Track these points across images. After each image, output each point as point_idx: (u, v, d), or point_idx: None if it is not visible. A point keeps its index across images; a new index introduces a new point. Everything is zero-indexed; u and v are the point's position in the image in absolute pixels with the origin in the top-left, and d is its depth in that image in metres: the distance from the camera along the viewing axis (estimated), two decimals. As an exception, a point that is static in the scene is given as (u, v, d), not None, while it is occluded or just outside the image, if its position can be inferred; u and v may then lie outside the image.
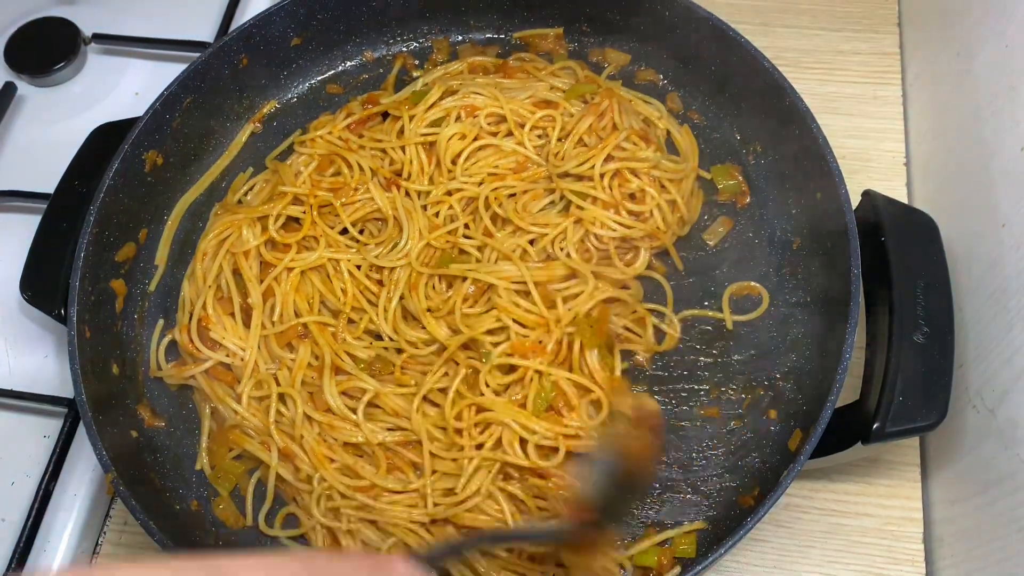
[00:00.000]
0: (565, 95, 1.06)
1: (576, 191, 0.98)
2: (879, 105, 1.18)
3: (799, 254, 0.99)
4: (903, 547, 0.93)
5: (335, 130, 1.07)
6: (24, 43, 1.23)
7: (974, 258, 0.94)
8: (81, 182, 1.00)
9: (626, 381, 0.93)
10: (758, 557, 0.94)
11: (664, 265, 1.01)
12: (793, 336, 0.96)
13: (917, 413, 0.81)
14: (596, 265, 0.96)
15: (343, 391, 0.92)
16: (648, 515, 0.89)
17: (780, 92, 0.98)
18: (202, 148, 1.09)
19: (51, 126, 1.20)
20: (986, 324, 0.90)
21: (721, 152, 1.07)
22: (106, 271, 0.96)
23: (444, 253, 0.98)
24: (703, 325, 0.98)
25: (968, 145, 1.01)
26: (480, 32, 1.17)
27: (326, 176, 1.04)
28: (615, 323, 0.94)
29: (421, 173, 1.03)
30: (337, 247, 1.00)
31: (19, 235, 1.06)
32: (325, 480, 0.88)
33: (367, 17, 1.14)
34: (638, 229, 0.97)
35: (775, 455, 0.90)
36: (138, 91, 1.22)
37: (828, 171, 0.92)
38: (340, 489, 0.88)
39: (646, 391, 0.95)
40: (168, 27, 1.24)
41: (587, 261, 0.96)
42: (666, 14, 1.06)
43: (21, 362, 1.05)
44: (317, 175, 1.04)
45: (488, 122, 1.05)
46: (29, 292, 0.96)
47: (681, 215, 1.00)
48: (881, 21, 1.25)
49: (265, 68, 1.11)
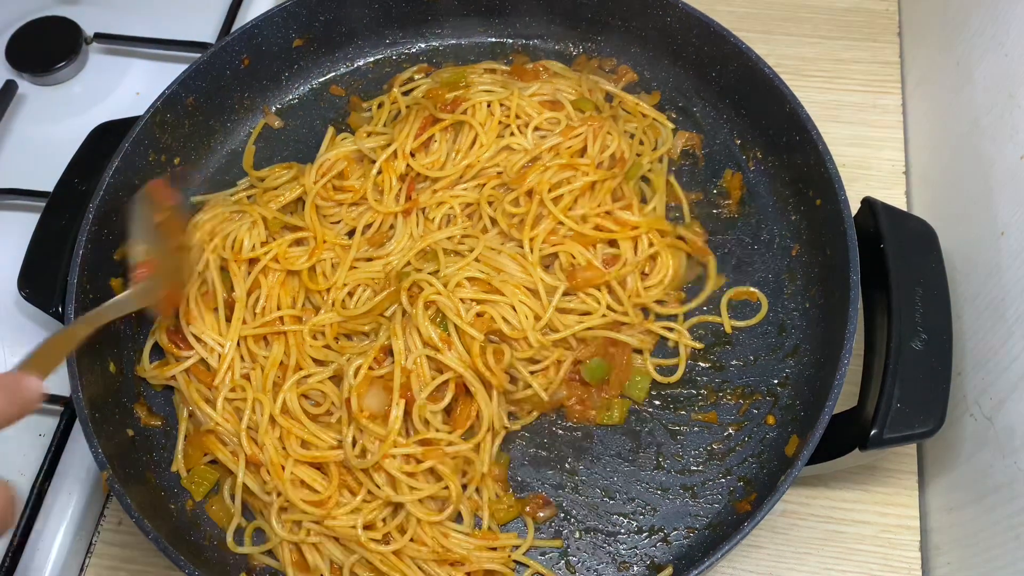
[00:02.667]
0: (572, 103, 1.05)
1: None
2: (879, 113, 1.19)
3: (798, 260, 0.99)
4: (900, 555, 0.93)
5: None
6: (26, 42, 1.23)
7: (973, 266, 0.94)
8: (81, 180, 1.00)
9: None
10: (754, 564, 0.93)
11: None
12: (792, 342, 0.96)
13: (915, 420, 0.81)
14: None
15: (303, 393, 0.92)
16: (645, 520, 0.89)
17: (781, 99, 0.98)
18: (203, 148, 1.09)
19: (51, 125, 1.20)
20: (984, 332, 0.90)
21: (722, 158, 1.07)
22: (104, 270, 0.96)
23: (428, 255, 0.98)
24: (701, 330, 0.98)
25: (967, 154, 1.01)
26: (483, 36, 1.17)
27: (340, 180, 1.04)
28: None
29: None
30: (331, 247, 1.00)
31: (18, 233, 1.06)
32: (281, 494, 0.87)
33: (369, 19, 1.14)
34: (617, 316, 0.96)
35: (772, 461, 0.90)
36: (139, 91, 1.22)
37: (828, 178, 0.92)
38: (294, 502, 0.87)
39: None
40: (170, 27, 1.24)
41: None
42: (667, 20, 1.07)
43: (18, 360, 1.04)
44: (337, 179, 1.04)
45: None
46: (27, 289, 0.96)
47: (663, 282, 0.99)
48: (882, 30, 1.25)
49: (267, 69, 1.11)
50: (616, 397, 0.94)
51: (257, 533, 0.90)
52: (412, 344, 0.90)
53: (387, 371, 0.89)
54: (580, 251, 0.96)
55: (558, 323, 0.94)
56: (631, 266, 0.97)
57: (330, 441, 0.89)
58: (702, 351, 0.97)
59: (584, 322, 0.94)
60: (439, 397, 0.89)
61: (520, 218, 0.98)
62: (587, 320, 0.95)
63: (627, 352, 0.95)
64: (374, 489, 0.86)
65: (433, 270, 0.94)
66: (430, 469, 0.87)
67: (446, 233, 0.98)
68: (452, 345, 0.89)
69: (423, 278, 0.92)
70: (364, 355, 0.90)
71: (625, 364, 0.94)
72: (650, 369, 0.95)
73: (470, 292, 0.93)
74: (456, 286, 0.92)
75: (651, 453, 0.92)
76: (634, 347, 0.95)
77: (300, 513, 0.87)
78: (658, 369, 0.96)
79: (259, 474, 0.89)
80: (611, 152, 1.02)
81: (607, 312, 0.95)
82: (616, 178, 1.00)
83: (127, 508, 0.81)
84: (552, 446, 0.93)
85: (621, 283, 0.97)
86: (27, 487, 0.94)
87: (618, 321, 0.96)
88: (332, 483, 0.87)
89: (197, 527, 0.90)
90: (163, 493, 0.91)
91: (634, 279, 0.97)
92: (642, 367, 0.96)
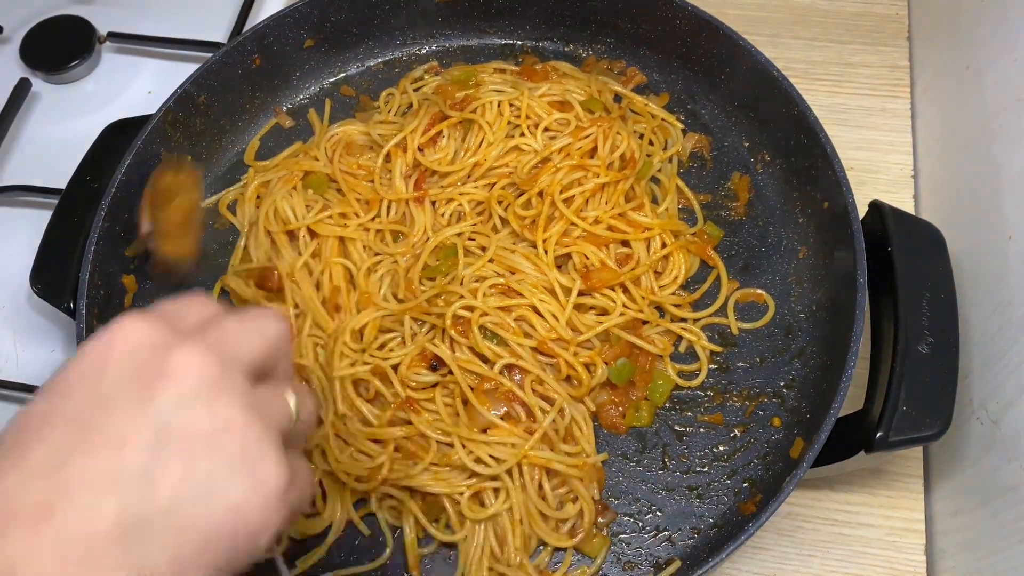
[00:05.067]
0: (581, 104, 1.06)
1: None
2: (888, 117, 1.19)
3: (805, 263, 1.00)
4: (905, 558, 0.93)
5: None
6: (39, 40, 1.24)
7: (980, 270, 0.94)
8: (93, 178, 1.01)
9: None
10: (758, 565, 0.94)
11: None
12: (798, 345, 0.96)
13: (921, 423, 0.81)
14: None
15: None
16: (650, 520, 0.89)
17: (790, 102, 0.98)
18: (214, 147, 1.10)
19: (64, 123, 1.21)
20: (992, 336, 0.90)
21: (730, 161, 1.08)
22: (116, 266, 0.97)
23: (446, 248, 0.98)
24: (708, 332, 0.98)
25: (976, 158, 1.01)
26: (493, 37, 1.18)
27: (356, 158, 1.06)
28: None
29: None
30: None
31: (31, 229, 1.06)
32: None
33: (380, 20, 1.14)
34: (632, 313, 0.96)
35: (778, 463, 0.90)
36: (151, 90, 1.23)
37: (835, 181, 0.92)
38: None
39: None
40: (182, 27, 1.25)
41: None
42: (676, 23, 1.07)
43: (29, 356, 1.05)
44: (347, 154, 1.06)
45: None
46: (39, 285, 0.96)
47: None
48: (891, 34, 1.25)
49: (278, 69, 1.12)
50: (643, 399, 0.94)
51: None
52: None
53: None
54: (593, 251, 0.97)
55: (579, 323, 0.94)
56: (644, 266, 0.97)
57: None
58: (709, 353, 0.97)
59: (604, 322, 0.94)
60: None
61: (532, 219, 0.98)
62: (606, 320, 0.94)
63: (649, 355, 0.95)
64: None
65: (449, 269, 0.95)
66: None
67: (456, 229, 0.99)
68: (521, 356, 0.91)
69: (465, 304, 0.92)
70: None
71: (649, 368, 0.95)
72: (671, 373, 0.95)
73: (496, 300, 0.93)
74: (483, 295, 0.93)
75: (656, 454, 0.92)
76: (655, 353, 0.95)
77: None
78: (679, 374, 0.96)
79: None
80: (621, 152, 1.02)
81: (624, 310, 0.95)
82: (628, 179, 1.01)
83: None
84: (558, 446, 0.94)
85: (635, 282, 0.97)
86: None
87: (637, 319, 0.96)
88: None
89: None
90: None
91: (648, 278, 0.98)
92: (662, 371, 0.96)
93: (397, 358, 0.92)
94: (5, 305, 1.08)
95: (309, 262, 0.99)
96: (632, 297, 0.96)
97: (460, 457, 0.87)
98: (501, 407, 0.89)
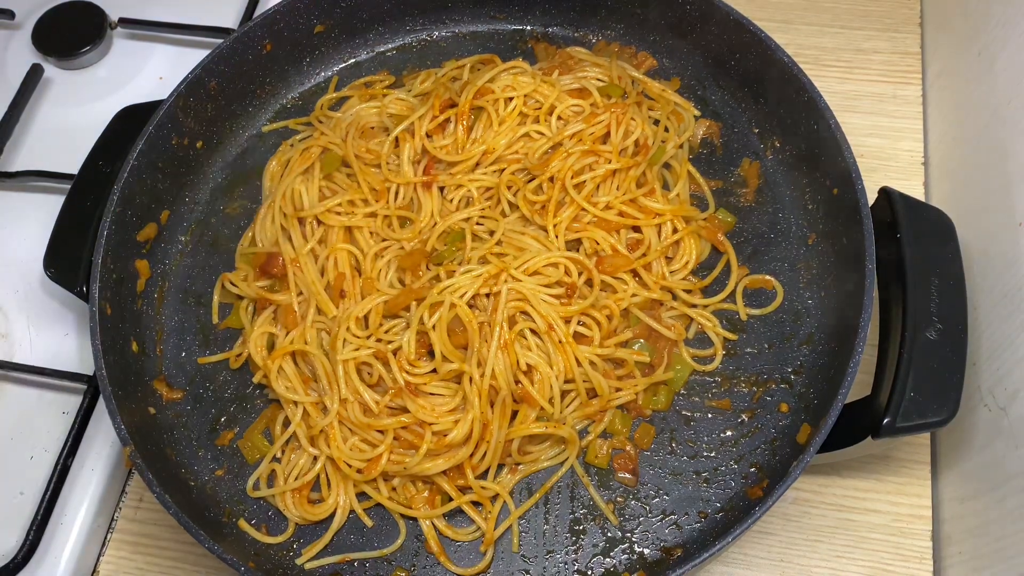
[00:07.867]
0: (600, 90, 1.06)
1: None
2: (899, 104, 1.18)
3: (815, 249, 1.00)
4: (911, 544, 0.93)
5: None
6: (51, 26, 1.25)
7: (990, 257, 0.94)
8: (105, 163, 1.02)
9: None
10: (765, 550, 0.94)
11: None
12: (806, 330, 0.96)
13: (928, 409, 0.81)
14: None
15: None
16: (657, 504, 0.90)
17: (799, 88, 0.98)
18: (225, 132, 1.10)
19: (76, 108, 1.22)
20: (1000, 323, 0.90)
21: (740, 147, 1.08)
22: (128, 251, 0.98)
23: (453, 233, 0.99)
24: (717, 318, 0.98)
25: (987, 145, 1.00)
26: (503, 23, 1.18)
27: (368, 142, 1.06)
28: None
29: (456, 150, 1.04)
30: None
31: (44, 214, 1.08)
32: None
33: (390, 6, 1.15)
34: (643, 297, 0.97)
35: (785, 448, 0.90)
36: (162, 75, 1.24)
37: (845, 167, 0.92)
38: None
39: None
40: (193, 13, 1.26)
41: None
42: (687, 8, 1.07)
43: (42, 339, 1.07)
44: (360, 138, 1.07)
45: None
46: (52, 269, 0.97)
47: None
48: (903, 21, 1.25)
49: (288, 54, 1.12)
50: (661, 384, 0.95)
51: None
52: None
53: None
54: (604, 236, 0.97)
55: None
56: (656, 252, 0.98)
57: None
58: (722, 339, 0.97)
59: (618, 301, 0.95)
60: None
61: (542, 204, 0.98)
62: (615, 297, 0.95)
63: (667, 340, 0.96)
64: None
65: (455, 252, 0.96)
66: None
67: (464, 214, 0.99)
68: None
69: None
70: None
71: (667, 351, 0.95)
72: (687, 358, 0.96)
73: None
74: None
75: (664, 438, 0.93)
76: (671, 338, 0.96)
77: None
78: (694, 359, 0.96)
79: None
80: (635, 138, 1.02)
81: (636, 292, 0.96)
82: (640, 166, 1.01)
83: (149, 483, 0.82)
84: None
85: (647, 268, 0.97)
86: (51, 463, 0.96)
87: (654, 300, 0.96)
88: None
89: (216, 504, 0.92)
90: (183, 470, 0.93)
91: (659, 263, 0.98)
92: (679, 355, 0.96)
93: (398, 343, 0.93)
94: (19, 289, 1.09)
95: (315, 248, 1.00)
96: (643, 282, 0.97)
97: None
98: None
